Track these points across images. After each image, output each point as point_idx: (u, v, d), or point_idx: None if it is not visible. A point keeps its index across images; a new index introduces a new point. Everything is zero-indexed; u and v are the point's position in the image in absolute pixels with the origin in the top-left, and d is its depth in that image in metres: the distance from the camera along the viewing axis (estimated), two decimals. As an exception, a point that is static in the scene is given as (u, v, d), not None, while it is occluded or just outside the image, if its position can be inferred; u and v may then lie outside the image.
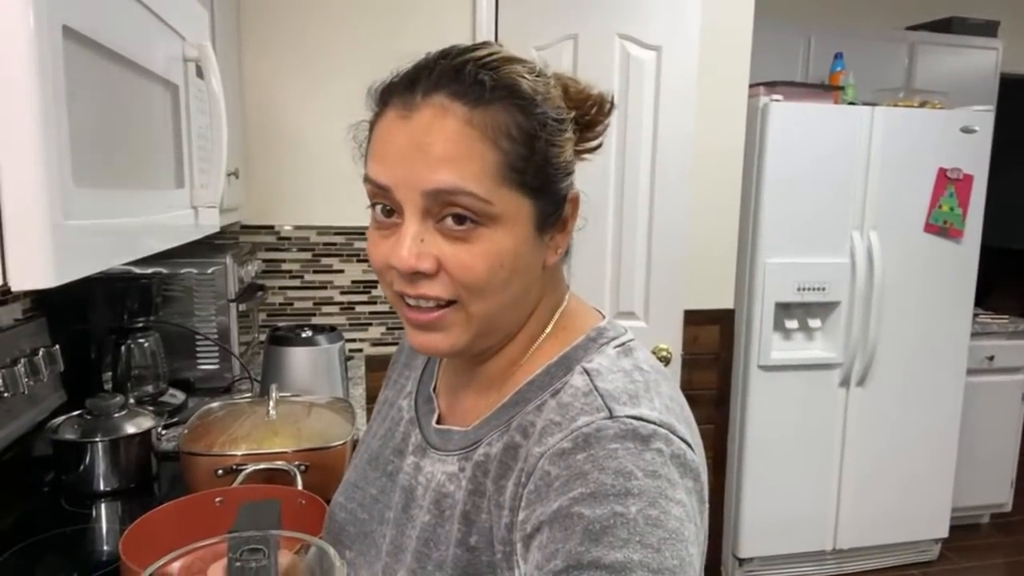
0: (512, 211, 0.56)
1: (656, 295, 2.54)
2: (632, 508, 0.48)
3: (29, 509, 1.21)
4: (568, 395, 0.57)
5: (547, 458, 0.53)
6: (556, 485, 0.51)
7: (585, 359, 0.60)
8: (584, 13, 2.39)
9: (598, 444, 0.51)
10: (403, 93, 0.58)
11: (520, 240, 0.57)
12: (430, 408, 0.70)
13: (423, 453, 0.67)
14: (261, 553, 0.55)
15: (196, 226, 1.09)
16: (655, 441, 0.51)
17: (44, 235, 0.57)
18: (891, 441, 2.83)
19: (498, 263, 0.56)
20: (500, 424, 0.61)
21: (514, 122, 0.56)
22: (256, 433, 1.18)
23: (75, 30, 0.63)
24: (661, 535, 0.47)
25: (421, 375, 0.75)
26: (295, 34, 2.25)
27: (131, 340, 1.61)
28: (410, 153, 0.55)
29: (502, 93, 0.56)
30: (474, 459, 0.61)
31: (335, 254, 2.37)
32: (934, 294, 2.80)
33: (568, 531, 0.48)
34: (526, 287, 0.60)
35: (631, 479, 0.49)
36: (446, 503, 0.61)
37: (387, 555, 0.64)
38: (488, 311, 0.58)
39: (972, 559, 3.06)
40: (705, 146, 2.56)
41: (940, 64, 3.42)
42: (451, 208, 0.55)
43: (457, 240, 0.56)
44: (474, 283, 0.56)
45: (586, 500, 0.48)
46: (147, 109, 0.88)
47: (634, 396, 0.55)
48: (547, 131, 0.57)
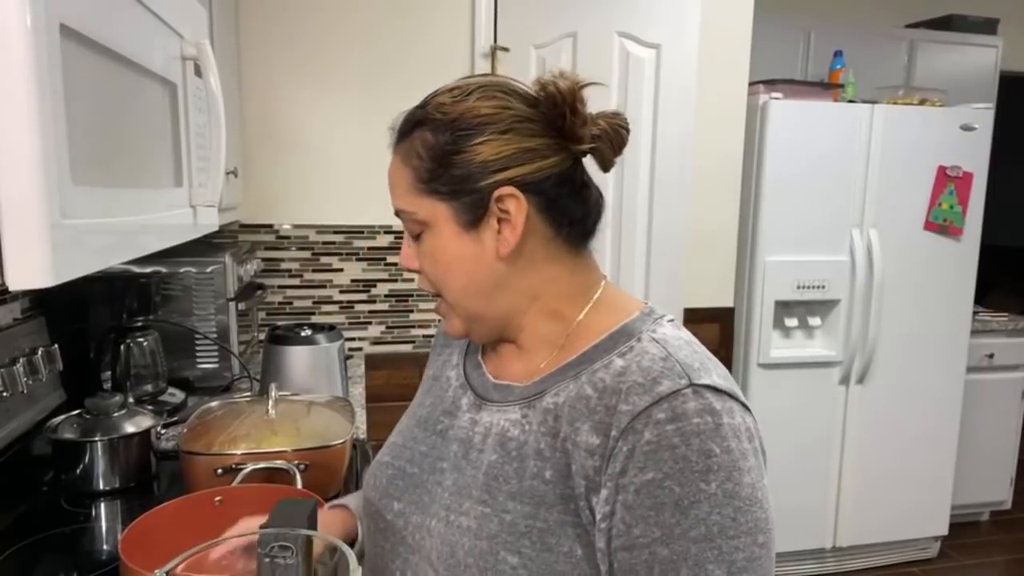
0: (432, 215, 0.69)
1: (656, 293, 2.54)
2: (713, 484, 0.58)
3: (28, 509, 1.21)
4: (647, 360, 0.64)
5: (639, 419, 0.60)
6: (647, 450, 0.59)
7: (647, 329, 0.68)
8: (584, 11, 2.38)
9: (684, 419, 0.59)
10: None
11: (446, 238, 0.69)
12: (480, 372, 0.78)
13: (478, 409, 0.75)
14: (290, 551, 0.56)
15: (195, 225, 1.09)
16: (725, 415, 0.61)
17: (42, 234, 0.57)
18: (891, 439, 2.84)
19: (434, 260, 0.71)
20: (566, 378, 0.68)
21: (421, 143, 0.69)
22: (255, 432, 1.18)
23: (72, 28, 0.62)
24: (737, 504, 0.58)
25: (466, 348, 0.83)
26: (294, 33, 2.25)
27: (130, 339, 1.61)
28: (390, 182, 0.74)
29: (411, 125, 0.71)
30: (540, 407, 0.68)
31: (334, 253, 2.37)
32: (934, 292, 2.80)
33: (660, 504, 0.58)
34: (484, 277, 0.70)
35: (710, 456, 0.58)
36: (511, 444, 0.69)
37: (450, 495, 0.70)
38: (455, 299, 0.72)
39: (972, 556, 3.06)
40: (705, 144, 2.56)
41: (940, 62, 3.42)
42: (406, 224, 0.72)
43: (419, 246, 0.72)
44: (435, 280, 0.72)
45: (675, 476, 0.58)
46: (145, 108, 0.88)
47: (703, 365, 0.64)
48: (454, 143, 0.67)
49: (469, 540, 0.65)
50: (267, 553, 0.56)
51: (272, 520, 0.62)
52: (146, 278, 1.69)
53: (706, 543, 0.57)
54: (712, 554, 0.57)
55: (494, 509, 0.66)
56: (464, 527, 0.67)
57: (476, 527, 0.66)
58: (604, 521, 0.60)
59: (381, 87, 2.30)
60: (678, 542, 0.57)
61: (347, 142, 2.29)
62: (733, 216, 2.66)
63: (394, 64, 2.29)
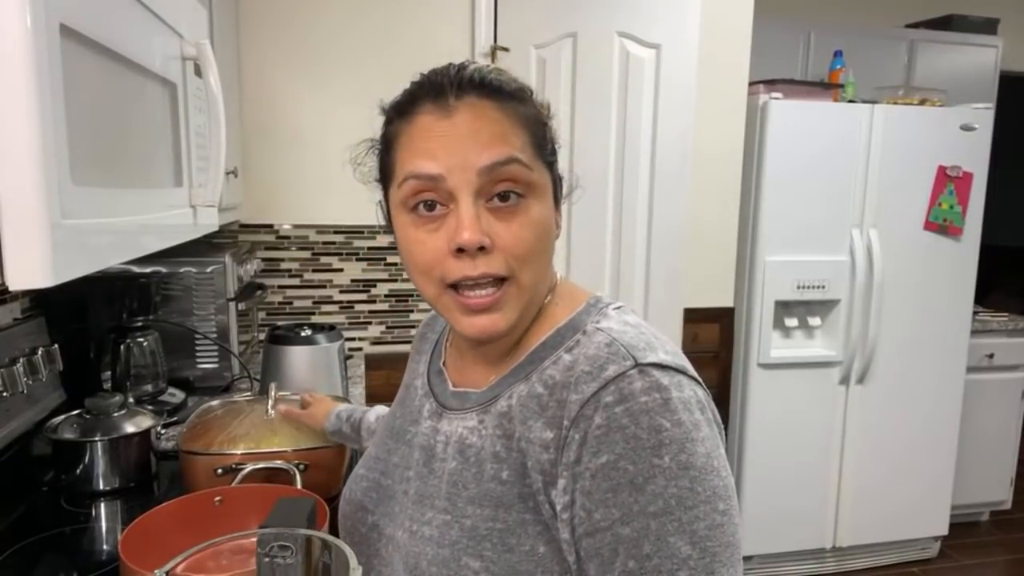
0: (543, 181, 0.67)
1: (656, 293, 2.54)
2: (666, 458, 0.57)
3: (28, 509, 1.21)
4: (592, 349, 0.64)
5: (588, 405, 0.60)
6: (598, 435, 0.59)
7: (591, 320, 0.68)
8: (583, 11, 2.38)
9: (632, 399, 0.59)
10: (434, 99, 0.66)
11: (548, 209, 0.67)
12: (441, 379, 0.78)
13: (439, 417, 0.74)
14: (290, 551, 0.56)
15: (195, 225, 1.09)
16: (673, 390, 0.60)
17: (42, 234, 0.57)
18: (891, 439, 2.84)
19: (541, 230, 0.65)
20: (517, 380, 0.69)
21: (526, 110, 0.67)
22: (255, 432, 1.18)
23: (72, 28, 0.62)
24: (692, 475, 0.58)
25: (431, 357, 0.83)
26: (294, 32, 2.25)
27: (130, 339, 1.61)
28: (460, 141, 0.63)
29: (511, 91, 0.67)
30: (494, 411, 0.69)
31: (334, 253, 2.37)
32: (934, 292, 2.80)
33: (617, 485, 0.58)
34: (551, 256, 0.69)
35: (661, 432, 0.58)
36: (470, 452, 0.68)
37: (413, 505, 0.70)
38: (534, 280, 0.66)
39: (972, 556, 3.06)
40: (705, 144, 2.56)
41: (940, 62, 3.42)
42: (501, 184, 0.63)
43: (505, 216, 0.64)
44: (525, 253, 0.64)
45: (628, 456, 0.58)
46: (145, 108, 0.88)
47: (649, 344, 0.64)
48: (543, 117, 0.69)
49: (432, 549, 0.66)
50: (267, 553, 0.55)
51: (271, 520, 0.62)
52: (146, 278, 1.69)
53: (665, 516, 0.56)
54: (673, 526, 0.56)
55: (454, 516, 0.66)
56: (427, 537, 0.67)
57: (438, 536, 0.66)
58: (565, 511, 0.60)
59: (381, 87, 2.28)
60: (638, 519, 0.57)
61: (347, 142, 2.28)
62: (733, 216, 2.66)
63: (394, 64, 2.29)
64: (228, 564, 0.70)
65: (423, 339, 0.88)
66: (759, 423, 2.68)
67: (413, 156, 0.65)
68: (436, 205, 0.64)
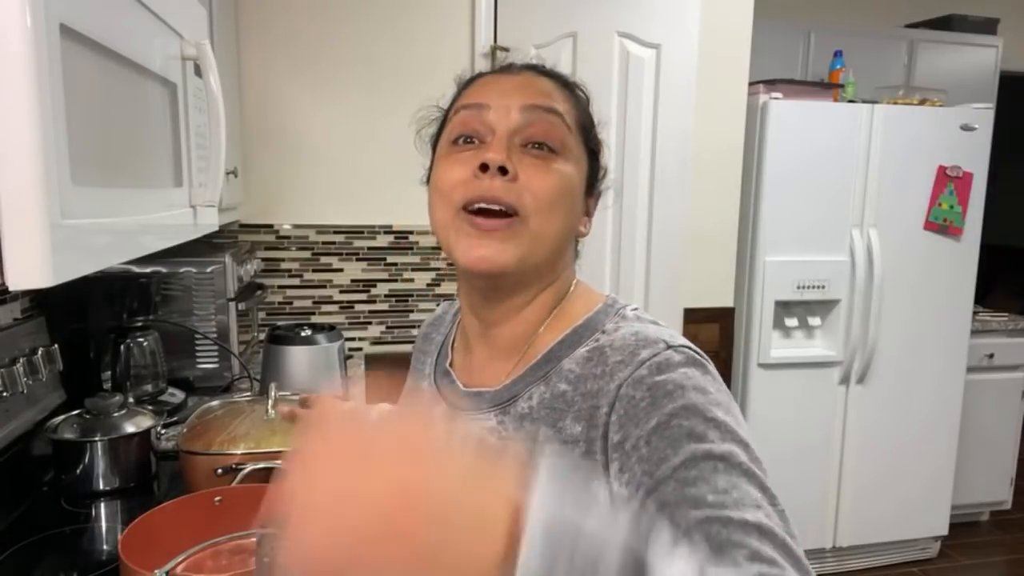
0: (577, 156, 0.69)
1: (655, 293, 2.54)
2: (718, 414, 0.59)
3: (28, 509, 1.21)
4: (619, 340, 0.65)
5: (628, 385, 0.61)
6: (644, 405, 0.59)
7: (610, 320, 0.69)
8: (583, 11, 2.38)
9: (671, 368, 0.60)
10: (498, 72, 0.73)
11: (577, 183, 0.69)
12: (450, 380, 0.77)
13: (451, 419, 0.72)
14: None
15: (195, 225, 1.09)
16: (709, 364, 0.63)
17: (42, 234, 0.57)
18: (891, 439, 2.83)
19: (565, 186, 0.67)
20: (536, 379, 0.68)
21: (576, 97, 0.72)
22: (255, 432, 1.18)
23: (72, 28, 0.62)
24: (737, 431, 0.59)
25: (436, 357, 0.82)
26: (294, 32, 2.25)
27: (130, 339, 1.61)
28: (512, 87, 0.69)
29: (567, 80, 0.73)
30: (515, 412, 0.68)
31: (334, 253, 2.37)
32: (934, 292, 2.79)
33: (675, 439, 0.57)
34: (568, 233, 0.70)
35: (707, 393, 0.60)
36: None
37: None
38: (542, 231, 0.66)
39: (972, 556, 3.06)
40: (705, 144, 2.56)
41: (940, 62, 3.42)
42: (538, 131, 0.66)
43: (536, 160, 0.66)
44: (544, 196, 0.65)
45: (680, 414, 0.58)
46: (145, 108, 0.88)
47: (672, 336, 0.65)
48: (591, 112, 0.73)
49: None
50: (266, 553, 0.55)
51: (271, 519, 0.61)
52: (146, 278, 1.70)
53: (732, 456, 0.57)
54: (739, 470, 0.57)
55: None
56: None
57: None
58: (628, 486, 0.59)
59: (381, 87, 2.29)
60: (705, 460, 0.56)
61: (347, 142, 2.29)
62: (733, 216, 2.66)
63: (394, 64, 2.29)
64: (228, 564, 0.70)
65: (427, 340, 0.87)
66: (759, 423, 2.67)
67: (466, 98, 0.71)
68: (475, 140, 0.67)
